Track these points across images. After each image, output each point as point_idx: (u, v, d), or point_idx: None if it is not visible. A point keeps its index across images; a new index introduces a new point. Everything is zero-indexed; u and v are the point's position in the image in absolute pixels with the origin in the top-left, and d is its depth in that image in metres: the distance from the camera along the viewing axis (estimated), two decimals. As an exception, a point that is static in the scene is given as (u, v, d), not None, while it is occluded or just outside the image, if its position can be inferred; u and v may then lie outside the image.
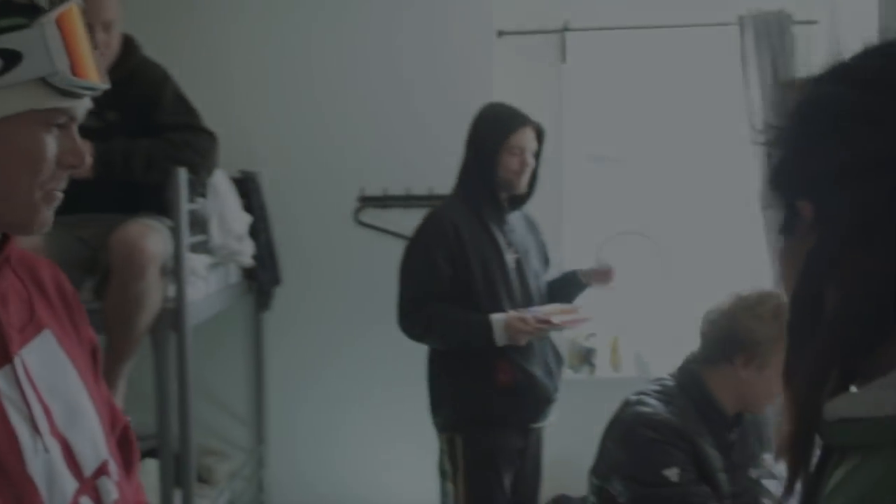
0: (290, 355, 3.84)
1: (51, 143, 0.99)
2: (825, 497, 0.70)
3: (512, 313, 2.74)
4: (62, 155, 1.00)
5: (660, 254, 3.93)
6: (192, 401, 2.70)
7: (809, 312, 0.74)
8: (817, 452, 0.77)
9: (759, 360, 2.08)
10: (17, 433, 0.96)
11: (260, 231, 3.60)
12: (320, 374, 3.82)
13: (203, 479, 3.22)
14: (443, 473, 2.88)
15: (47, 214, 1.02)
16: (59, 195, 1.03)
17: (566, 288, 3.03)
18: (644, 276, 3.92)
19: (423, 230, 2.85)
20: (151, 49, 2.84)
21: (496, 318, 2.73)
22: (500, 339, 2.72)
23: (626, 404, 2.18)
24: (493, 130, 2.82)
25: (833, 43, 3.42)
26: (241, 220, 3.29)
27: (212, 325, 3.30)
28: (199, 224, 3.03)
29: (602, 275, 3.02)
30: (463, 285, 2.78)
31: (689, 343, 2.35)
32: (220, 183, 3.14)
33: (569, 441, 3.32)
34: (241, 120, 3.71)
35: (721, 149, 3.81)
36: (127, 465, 1.22)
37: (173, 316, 2.70)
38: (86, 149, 1.03)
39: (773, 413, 3.23)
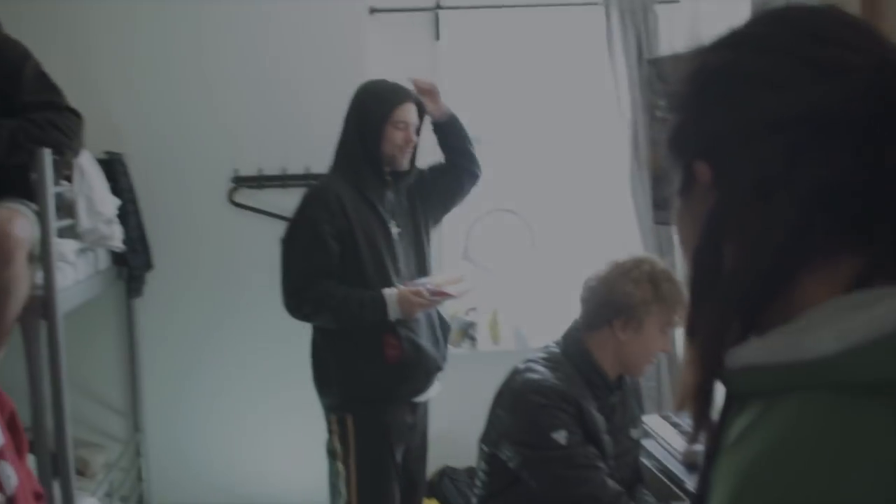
0: (165, 342, 3.73)
1: None
2: (728, 448, 0.71)
3: (404, 287, 2.75)
4: None
5: (532, 231, 4.03)
6: (66, 392, 2.60)
7: (710, 268, 0.76)
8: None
9: (636, 322, 2.18)
10: None
11: (129, 214, 3.48)
12: (198, 359, 3.73)
13: (79, 472, 3.10)
14: (332, 454, 2.86)
15: None
16: None
17: (445, 143, 3.01)
18: (518, 253, 4.01)
19: (307, 206, 2.81)
20: (9, 26, 2.70)
21: (389, 293, 2.73)
22: (393, 313, 2.72)
23: (515, 372, 2.24)
24: (378, 104, 2.81)
25: (694, 22, 3.57)
26: (110, 203, 3.17)
27: (82, 313, 3.17)
28: (65, 208, 2.91)
29: (424, 94, 2.95)
30: (350, 261, 2.76)
31: (565, 315, 2.44)
32: (86, 164, 3.01)
33: (452, 414, 3.38)
34: (105, 98, 3.57)
35: (591, 126, 3.91)
36: (18, 451, 1.17)
37: (42, 304, 2.58)
38: None
39: (651, 377, 3.38)
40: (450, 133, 3.02)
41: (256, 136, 3.73)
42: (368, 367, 2.78)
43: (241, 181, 3.75)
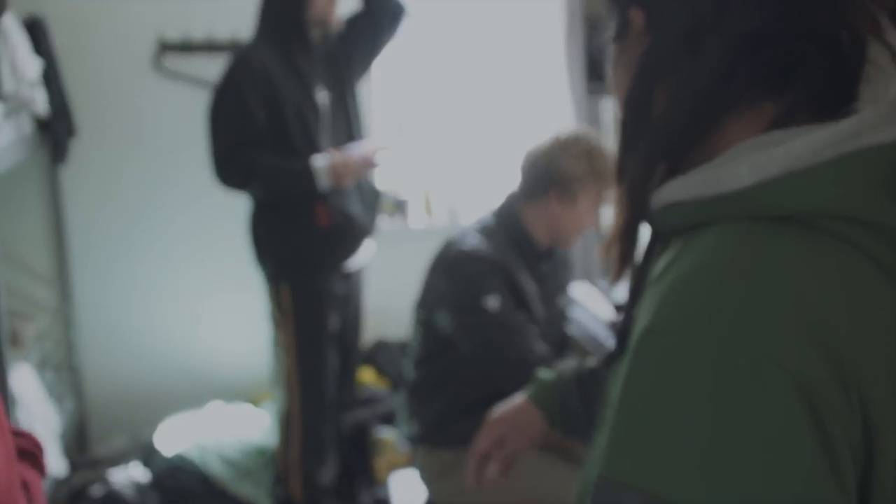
0: (92, 210, 3.67)
1: None
2: (652, 282, 0.74)
3: (334, 156, 2.74)
4: None
5: (465, 109, 4.02)
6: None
7: (640, 112, 0.79)
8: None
9: (570, 195, 2.24)
10: None
11: (50, 80, 3.35)
12: (127, 228, 3.68)
13: (10, 342, 3.09)
14: (274, 322, 2.91)
15: None
16: None
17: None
18: (449, 131, 4.01)
19: (231, 73, 2.75)
20: None
21: (318, 162, 2.73)
22: (323, 183, 2.72)
23: (450, 242, 2.29)
24: None
25: None
26: (33, 66, 3.06)
27: (7, 180, 3.09)
28: (-13, 70, 2.80)
29: None
30: (277, 130, 2.73)
31: (496, 192, 2.48)
32: (8, 26, 2.88)
33: (385, 289, 3.44)
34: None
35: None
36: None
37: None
38: None
39: (579, 247, 3.46)
40: None
41: (182, -1, 3.61)
42: (300, 235, 2.80)
43: (166, 47, 3.64)
